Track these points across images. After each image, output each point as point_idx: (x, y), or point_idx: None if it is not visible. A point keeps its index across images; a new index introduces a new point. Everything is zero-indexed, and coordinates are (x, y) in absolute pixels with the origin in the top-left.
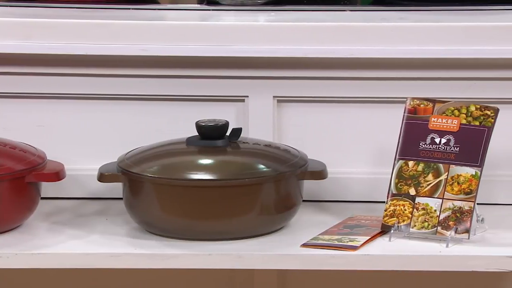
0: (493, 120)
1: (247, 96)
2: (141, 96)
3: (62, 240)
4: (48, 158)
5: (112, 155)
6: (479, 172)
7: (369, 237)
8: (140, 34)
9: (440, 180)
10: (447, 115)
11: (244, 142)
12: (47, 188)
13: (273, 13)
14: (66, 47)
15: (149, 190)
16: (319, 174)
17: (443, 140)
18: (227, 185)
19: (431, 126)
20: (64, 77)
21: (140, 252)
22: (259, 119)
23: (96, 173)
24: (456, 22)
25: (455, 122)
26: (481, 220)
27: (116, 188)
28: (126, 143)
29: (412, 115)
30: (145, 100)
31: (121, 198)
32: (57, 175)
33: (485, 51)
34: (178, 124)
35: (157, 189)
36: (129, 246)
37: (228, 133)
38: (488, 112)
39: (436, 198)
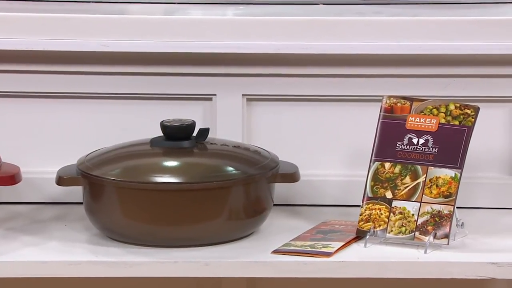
0: (473, 120)
1: (215, 95)
2: (102, 94)
3: (17, 247)
4: (2, 160)
5: (71, 157)
6: (459, 174)
7: (344, 243)
8: (101, 28)
9: (418, 183)
10: (425, 114)
11: (211, 143)
12: (1, 192)
13: (241, 6)
14: (23, 43)
15: (111, 194)
16: (291, 176)
17: (421, 141)
18: (193, 188)
19: (408, 125)
20: (21, 74)
21: (101, 260)
22: (228, 118)
23: (54, 176)
24: (434, 17)
25: (434, 122)
26: (461, 225)
27: (76, 192)
28: (86, 144)
29: (389, 114)
30: (107, 99)
31: (81, 203)
32: (12, 178)
33: (465, 46)
34: (142, 124)
35: (120, 193)
36: (90, 253)
37: (194, 134)
38: (468, 111)
39: (414, 201)
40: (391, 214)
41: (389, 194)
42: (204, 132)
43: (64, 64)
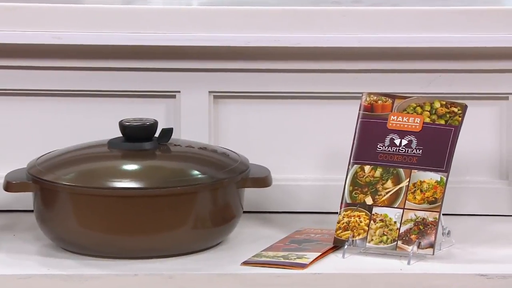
0: (460, 118)
1: (179, 91)
2: (54, 91)
3: None
4: None
5: (20, 160)
6: (444, 178)
7: (320, 253)
8: (53, 19)
9: (401, 188)
10: (408, 112)
11: (175, 145)
12: None
13: None
14: None
15: (64, 200)
16: (262, 181)
17: (404, 142)
18: (155, 194)
19: (390, 125)
20: None
21: (54, 273)
22: (193, 117)
23: (1, 181)
24: (418, 6)
25: (418, 121)
26: (447, 233)
27: (26, 199)
28: (37, 146)
29: (369, 113)
30: (60, 96)
31: (31, 211)
32: None
33: (451, 39)
34: (99, 124)
35: (74, 199)
36: (41, 266)
37: (157, 134)
38: (455, 109)
39: (396, 208)
40: (372, 221)
41: (369, 200)
42: (167, 132)
43: (12, 58)
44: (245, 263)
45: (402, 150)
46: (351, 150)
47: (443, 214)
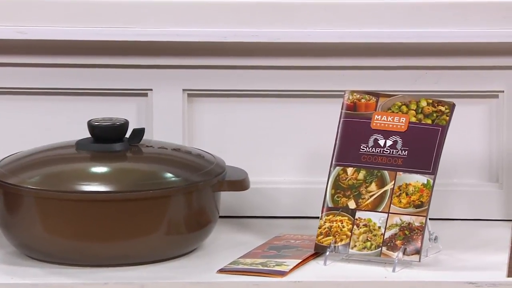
0: (448, 118)
1: (151, 90)
2: (19, 89)
3: None
4: None
5: None
6: (431, 181)
7: (300, 260)
8: (17, 13)
9: (385, 191)
10: (393, 111)
11: (147, 146)
12: None
13: None
14: None
15: (29, 205)
16: (239, 184)
17: (389, 142)
18: (126, 198)
19: (374, 125)
20: None
21: (18, 282)
22: (166, 117)
23: None
24: (403, 0)
25: (403, 121)
26: (434, 239)
27: None
28: (0, 148)
29: (352, 112)
30: (25, 95)
31: None
32: None
33: (438, 34)
34: (66, 124)
35: (40, 204)
36: (5, 274)
37: (128, 135)
38: (442, 108)
39: (381, 212)
40: (355, 226)
41: (352, 204)
42: (139, 133)
43: None
44: (221, 270)
45: (387, 151)
46: (333, 151)
47: (430, 219)
